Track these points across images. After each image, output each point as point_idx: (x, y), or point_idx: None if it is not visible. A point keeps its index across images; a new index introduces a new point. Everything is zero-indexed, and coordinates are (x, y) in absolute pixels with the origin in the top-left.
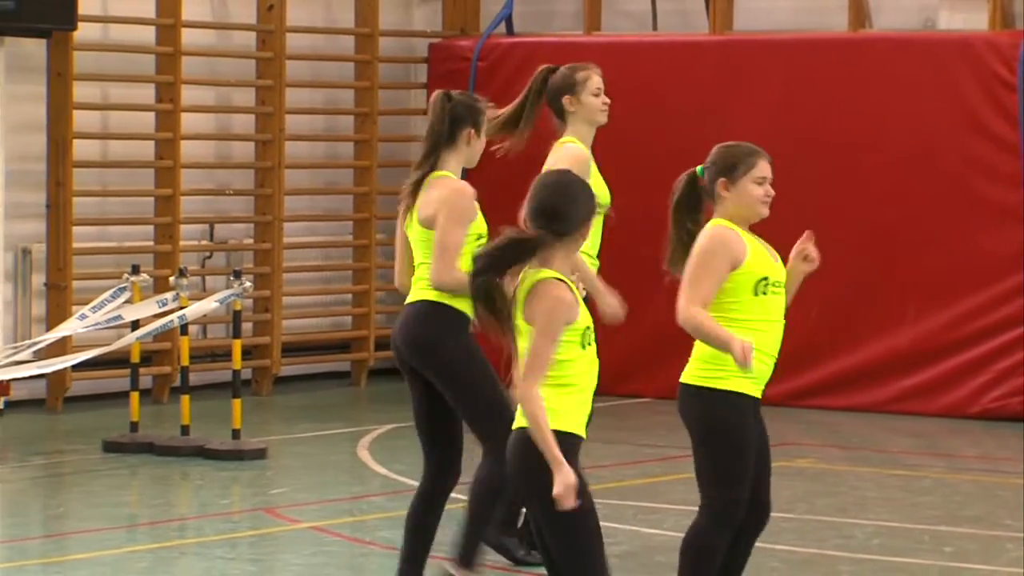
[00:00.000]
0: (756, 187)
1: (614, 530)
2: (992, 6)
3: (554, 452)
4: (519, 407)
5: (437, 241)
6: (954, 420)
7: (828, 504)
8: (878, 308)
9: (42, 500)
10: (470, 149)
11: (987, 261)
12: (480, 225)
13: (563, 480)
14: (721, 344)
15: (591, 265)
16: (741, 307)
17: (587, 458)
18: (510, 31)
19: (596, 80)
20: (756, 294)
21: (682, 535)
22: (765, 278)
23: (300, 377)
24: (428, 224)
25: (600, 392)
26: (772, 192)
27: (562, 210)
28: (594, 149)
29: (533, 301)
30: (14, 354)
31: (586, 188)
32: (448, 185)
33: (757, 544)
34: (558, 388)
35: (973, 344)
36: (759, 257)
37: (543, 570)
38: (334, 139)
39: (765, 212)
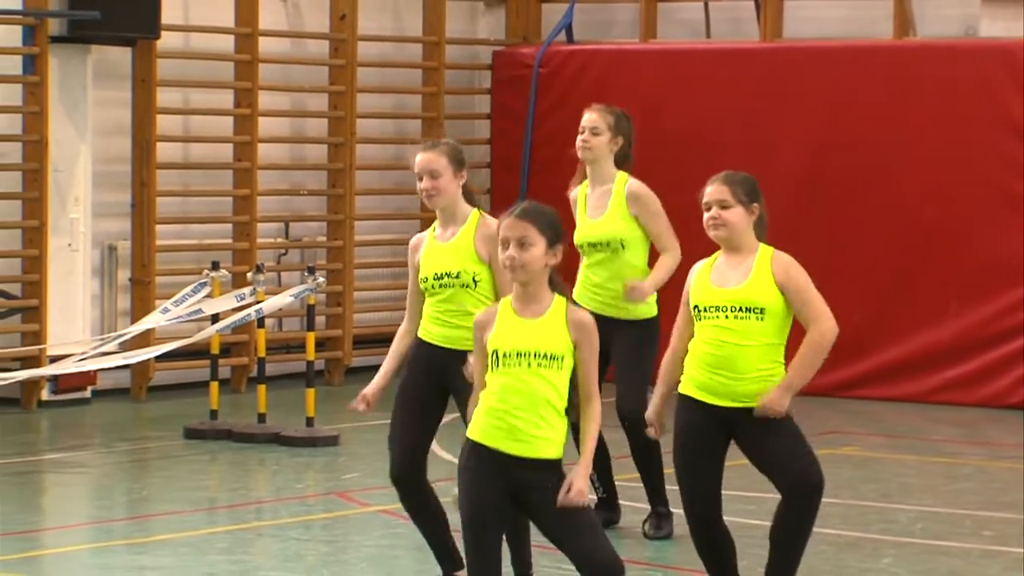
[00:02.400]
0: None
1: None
2: None
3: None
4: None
5: None
6: (993, 410)
7: (872, 490)
8: (920, 303)
9: (127, 484)
10: None
11: None
12: None
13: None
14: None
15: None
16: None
17: (614, 448)
18: (570, 39)
19: (583, 120)
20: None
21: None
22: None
23: (370, 368)
24: None
25: None
26: (717, 215)
27: None
28: (628, 166)
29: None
30: (101, 346)
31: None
32: None
33: None
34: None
35: (1011, 337)
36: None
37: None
38: (402, 142)
39: (710, 234)
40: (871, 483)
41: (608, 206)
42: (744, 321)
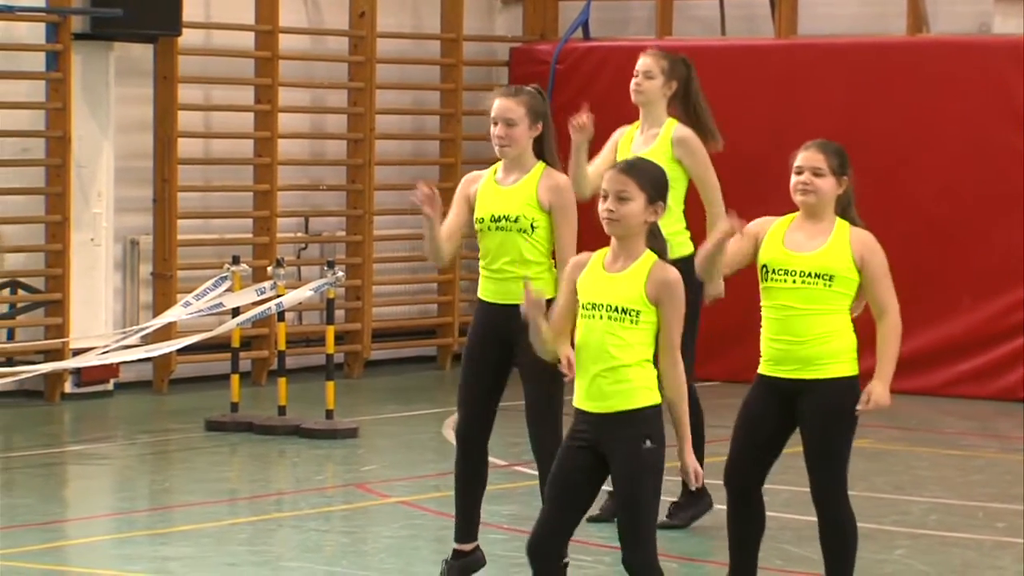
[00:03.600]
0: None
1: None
2: None
3: None
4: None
5: None
6: (1006, 403)
7: (886, 482)
8: (934, 297)
9: (149, 476)
10: None
11: None
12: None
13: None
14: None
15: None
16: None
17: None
18: (587, 36)
19: (637, 64)
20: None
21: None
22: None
23: (389, 361)
24: None
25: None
26: (809, 180)
27: None
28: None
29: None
30: (123, 339)
31: None
32: None
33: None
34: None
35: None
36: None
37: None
38: (421, 138)
39: (797, 199)
40: (885, 475)
41: (652, 146)
42: (811, 288)
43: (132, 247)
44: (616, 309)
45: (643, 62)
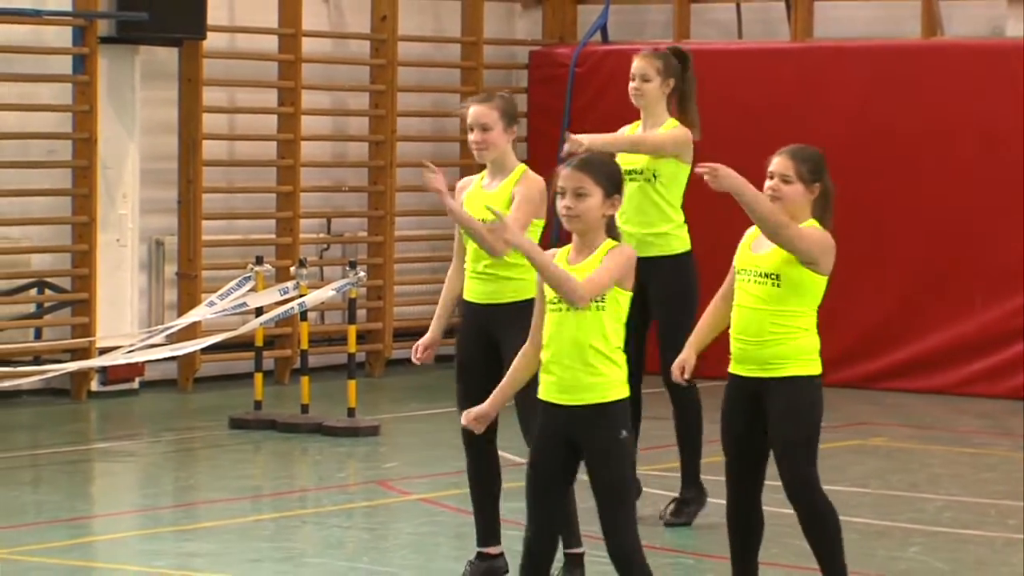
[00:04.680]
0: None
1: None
2: None
3: None
4: None
5: None
6: (1018, 402)
7: (901, 480)
8: (947, 297)
9: (173, 472)
10: None
11: None
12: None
13: None
14: None
15: None
16: None
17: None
18: (605, 39)
19: (632, 68)
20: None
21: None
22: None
23: (410, 360)
24: None
25: (704, 374)
26: (777, 187)
27: None
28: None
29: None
30: (148, 338)
31: None
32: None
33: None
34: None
35: None
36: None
37: None
38: (442, 140)
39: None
40: (899, 473)
41: None
42: (761, 286)
43: (157, 247)
44: None
45: (637, 65)
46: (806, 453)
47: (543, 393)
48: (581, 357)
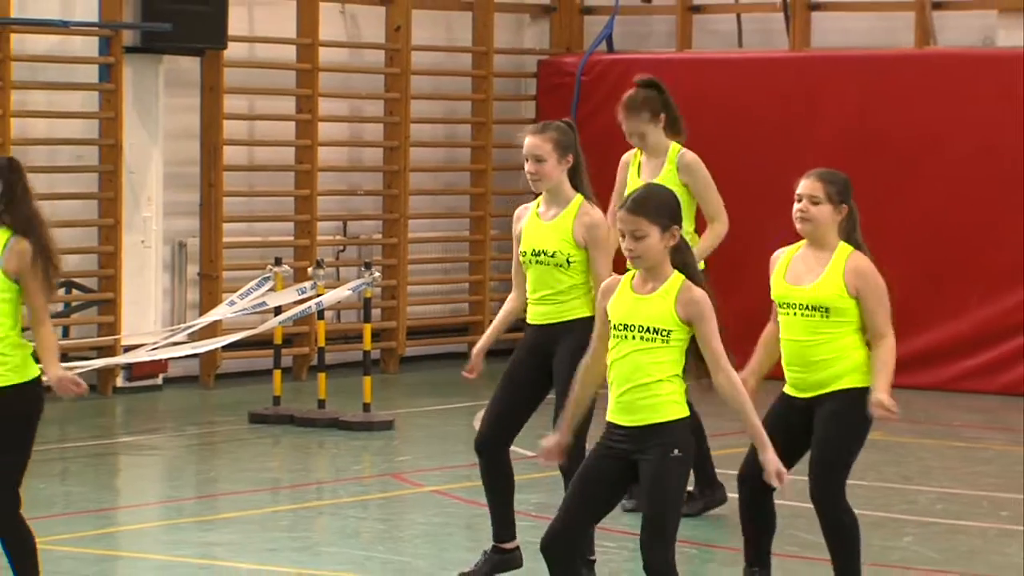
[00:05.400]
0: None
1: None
2: None
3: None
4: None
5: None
6: (1012, 397)
7: (895, 472)
8: (943, 297)
9: (195, 466)
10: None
11: None
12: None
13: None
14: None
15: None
16: None
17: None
18: (611, 49)
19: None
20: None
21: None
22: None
23: (423, 357)
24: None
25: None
26: (806, 208)
27: None
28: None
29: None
30: (171, 336)
31: None
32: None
33: None
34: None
35: None
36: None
37: None
38: (453, 145)
39: (797, 226)
40: (894, 466)
41: (659, 176)
42: (809, 319)
43: (180, 249)
44: (647, 330)
45: (628, 125)
46: (843, 465)
47: (608, 413)
48: (640, 381)
